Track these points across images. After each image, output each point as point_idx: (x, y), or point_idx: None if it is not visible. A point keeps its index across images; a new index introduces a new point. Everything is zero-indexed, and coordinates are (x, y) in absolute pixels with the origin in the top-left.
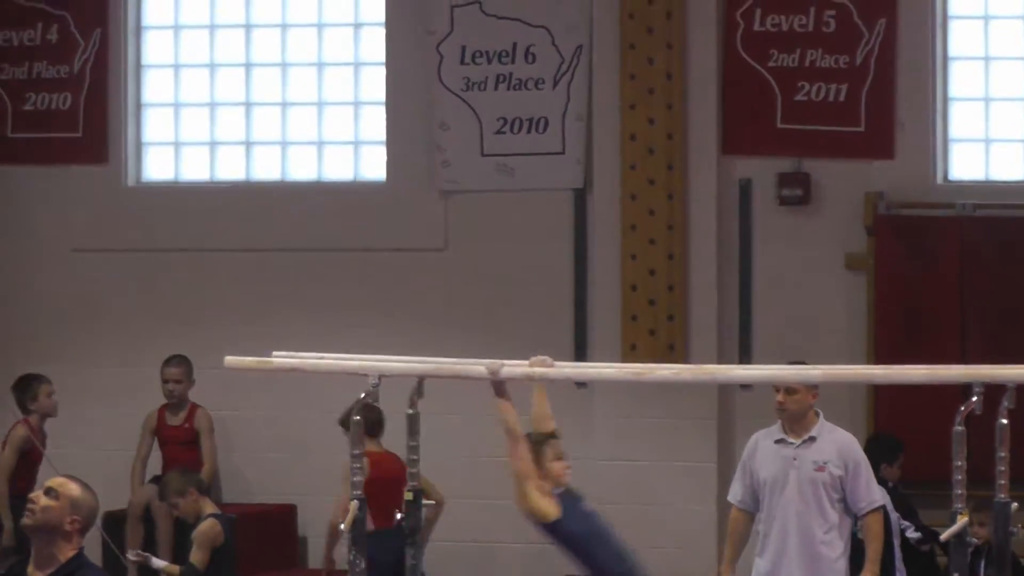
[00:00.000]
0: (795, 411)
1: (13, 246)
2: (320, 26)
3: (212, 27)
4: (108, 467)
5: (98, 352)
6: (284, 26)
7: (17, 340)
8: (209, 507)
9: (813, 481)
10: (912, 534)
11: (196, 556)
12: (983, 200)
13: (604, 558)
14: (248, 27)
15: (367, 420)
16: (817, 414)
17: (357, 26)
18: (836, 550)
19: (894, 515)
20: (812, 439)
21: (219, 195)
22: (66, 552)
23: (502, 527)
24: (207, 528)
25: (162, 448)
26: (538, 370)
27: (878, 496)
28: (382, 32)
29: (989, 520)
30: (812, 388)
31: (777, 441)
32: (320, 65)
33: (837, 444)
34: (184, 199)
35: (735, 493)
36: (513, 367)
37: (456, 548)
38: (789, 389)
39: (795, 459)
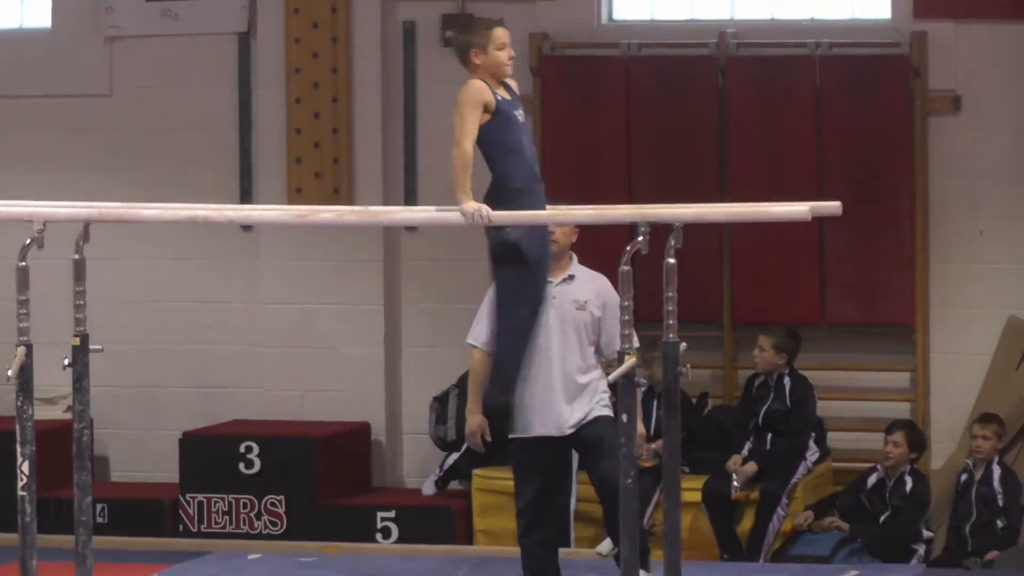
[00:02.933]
0: (564, 245)
1: None
2: None
3: None
4: None
5: None
6: None
7: None
8: None
9: (575, 320)
10: None
11: None
12: (648, 39)
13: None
14: None
15: None
16: (571, 256)
17: None
18: (592, 388)
19: None
20: (571, 277)
21: None
22: None
23: (169, 371)
24: None
25: None
26: (201, 213)
27: (634, 340)
28: None
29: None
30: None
31: None
32: None
33: (595, 284)
34: None
35: (478, 335)
36: (176, 210)
37: (122, 393)
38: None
39: (555, 298)
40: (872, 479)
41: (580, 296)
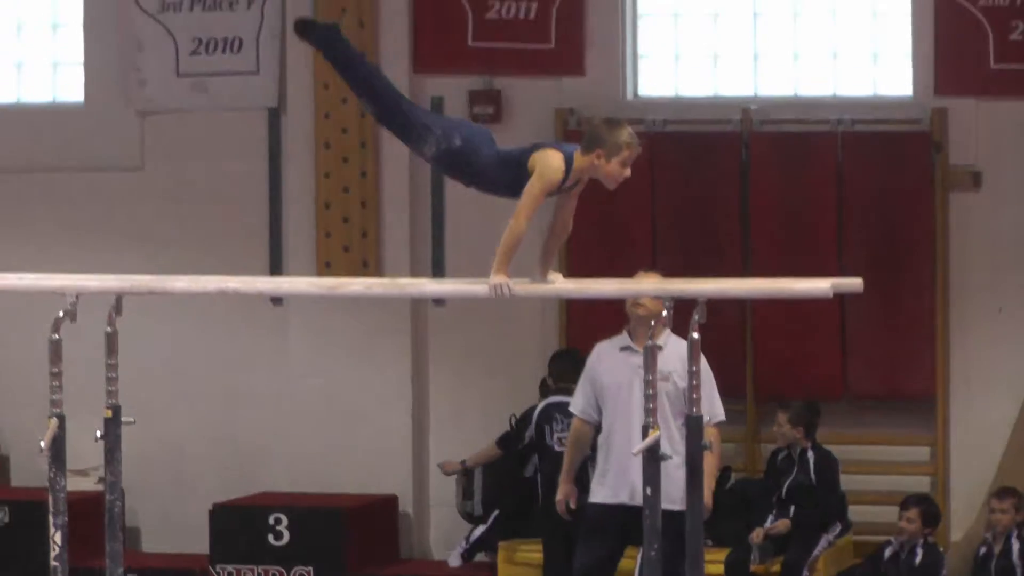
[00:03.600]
0: (653, 311)
1: None
2: None
3: None
4: None
5: None
6: None
7: None
8: None
9: (659, 390)
10: None
11: None
12: (672, 116)
13: None
14: None
15: None
16: (665, 325)
17: None
18: (676, 460)
19: None
20: (659, 348)
21: None
22: None
23: (199, 443)
24: None
25: None
26: (231, 285)
27: (719, 410)
28: None
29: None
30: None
31: (623, 349)
32: None
33: (681, 354)
34: None
35: (577, 404)
36: (207, 282)
37: (153, 463)
38: None
39: (640, 367)
40: (888, 551)
41: (665, 366)
